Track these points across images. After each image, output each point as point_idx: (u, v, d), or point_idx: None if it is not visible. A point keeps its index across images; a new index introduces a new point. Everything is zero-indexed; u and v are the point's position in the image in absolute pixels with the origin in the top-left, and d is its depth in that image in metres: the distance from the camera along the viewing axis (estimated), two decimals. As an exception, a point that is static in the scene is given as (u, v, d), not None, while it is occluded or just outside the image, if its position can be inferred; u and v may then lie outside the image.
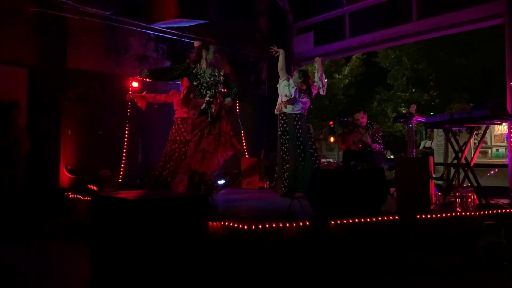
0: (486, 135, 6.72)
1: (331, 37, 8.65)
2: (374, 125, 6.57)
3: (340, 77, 20.86)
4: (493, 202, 4.74)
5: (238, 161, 7.35)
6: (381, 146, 6.52)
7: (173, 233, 2.86)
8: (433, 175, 4.54)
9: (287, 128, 5.77)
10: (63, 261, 4.34)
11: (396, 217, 3.84)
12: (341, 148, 6.89)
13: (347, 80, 20.92)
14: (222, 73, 4.86)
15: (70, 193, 6.00)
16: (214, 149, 4.65)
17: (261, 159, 7.32)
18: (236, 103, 8.08)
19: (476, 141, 7.36)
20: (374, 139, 6.41)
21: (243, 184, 7.17)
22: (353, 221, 3.63)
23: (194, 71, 4.74)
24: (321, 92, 6.01)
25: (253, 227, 3.26)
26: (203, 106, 4.63)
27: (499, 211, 4.38)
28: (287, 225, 3.38)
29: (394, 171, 4.91)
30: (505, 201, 5.00)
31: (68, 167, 6.33)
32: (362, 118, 6.54)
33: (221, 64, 7.91)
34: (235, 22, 8.24)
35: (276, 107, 5.92)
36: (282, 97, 5.77)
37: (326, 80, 6.08)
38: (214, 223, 3.51)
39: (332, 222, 3.55)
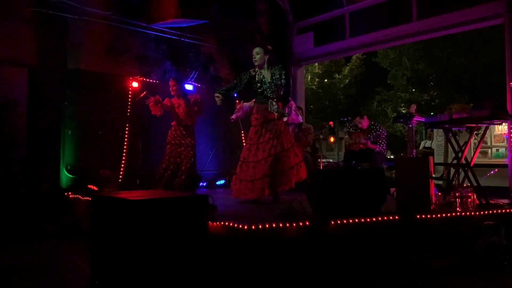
0: (486, 135, 6.71)
1: (331, 37, 8.65)
2: (378, 127, 6.52)
3: (340, 77, 20.89)
4: (493, 202, 4.74)
5: (238, 161, 7.31)
6: (384, 147, 6.46)
7: (173, 233, 2.86)
8: (433, 175, 4.53)
9: None
10: (63, 261, 4.34)
11: (396, 217, 3.84)
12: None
13: (347, 80, 20.95)
14: (282, 73, 4.91)
15: (70, 193, 6.00)
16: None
17: (261, 159, 7.28)
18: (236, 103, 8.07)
19: (476, 141, 7.34)
20: (376, 142, 6.38)
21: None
22: (353, 221, 3.63)
23: (257, 79, 4.92)
24: None
25: (253, 227, 3.26)
26: (276, 109, 4.82)
27: (499, 211, 4.38)
28: (287, 225, 3.38)
29: (394, 171, 4.91)
30: (505, 201, 5.00)
31: (68, 167, 6.33)
32: (360, 124, 6.52)
33: (221, 64, 7.93)
34: (235, 22, 8.22)
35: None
36: None
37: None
38: (214, 223, 3.51)
39: (332, 222, 3.55)
